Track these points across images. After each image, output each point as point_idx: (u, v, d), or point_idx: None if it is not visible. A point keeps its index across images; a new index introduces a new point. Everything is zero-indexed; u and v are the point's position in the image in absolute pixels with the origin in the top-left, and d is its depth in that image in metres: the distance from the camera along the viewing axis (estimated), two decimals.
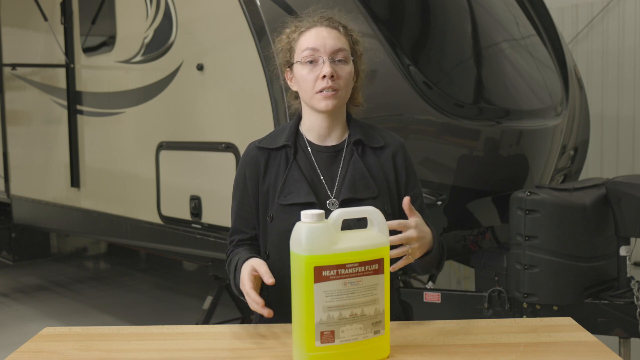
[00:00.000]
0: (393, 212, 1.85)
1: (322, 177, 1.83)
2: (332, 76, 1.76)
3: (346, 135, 1.88)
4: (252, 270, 1.64)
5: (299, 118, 1.91)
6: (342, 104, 1.83)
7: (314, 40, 1.79)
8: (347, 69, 1.79)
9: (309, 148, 1.86)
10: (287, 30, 1.88)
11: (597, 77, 6.59)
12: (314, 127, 1.86)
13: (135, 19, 4.12)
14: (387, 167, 1.86)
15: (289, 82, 1.89)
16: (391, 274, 1.75)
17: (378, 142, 1.87)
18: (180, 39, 3.78)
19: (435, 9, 3.75)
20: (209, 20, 3.64)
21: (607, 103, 6.56)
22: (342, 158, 1.85)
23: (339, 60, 1.78)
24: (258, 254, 1.86)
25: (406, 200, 1.63)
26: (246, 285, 1.62)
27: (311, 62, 1.78)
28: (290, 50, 1.85)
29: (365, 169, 1.82)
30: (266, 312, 1.57)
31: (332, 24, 1.82)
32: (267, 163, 1.85)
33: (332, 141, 1.87)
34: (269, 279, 1.58)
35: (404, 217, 1.89)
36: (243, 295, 1.67)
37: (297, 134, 1.89)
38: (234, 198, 1.92)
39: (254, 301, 1.58)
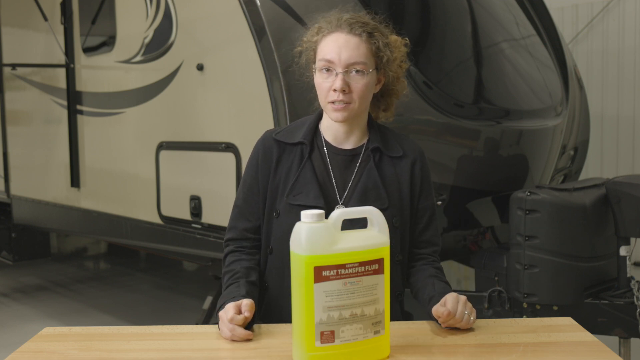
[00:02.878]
0: (402, 224, 1.82)
1: (334, 181, 1.82)
2: (343, 90, 1.72)
3: (365, 140, 1.85)
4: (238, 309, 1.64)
5: (319, 115, 1.88)
6: (355, 115, 1.78)
7: (331, 49, 1.74)
8: (362, 82, 1.73)
9: (325, 149, 1.84)
10: (316, 26, 1.82)
11: (597, 77, 6.59)
12: (332, 129, 1.84)
13: (135, 19, 4.12)
14: (403, 178, 1.83)
15: (315, 85, 1.84)
16: (394, 286, 1.75)
17: (397, 152, 1.84)
18: (180, 39, 3.78)
19: (435, 9, 3.75)
20: (209, 20, 3.64)
21: (607, 103, 6.56)
22: (358, 164, 1.83)
23: (355, 74, 1.73)
24: (256, 268, 1.85)
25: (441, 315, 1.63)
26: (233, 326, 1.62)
27: (327, 70, 1.75)
28: (314, 50, 1.81)
29: (379, 179, 1.80)
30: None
31: (354, 31, 1.75)
32: (280, 157, 1.83)
33: (349, 144, 1.84)
34: (245, 312, 1.62)
35: (413, 228, 1.87)
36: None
37: (315, 131, 1.86)
38: (243, 183, 1.89)
39: (239, 336, 1.60)
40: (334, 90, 1.73)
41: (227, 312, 1.63)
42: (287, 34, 3.15)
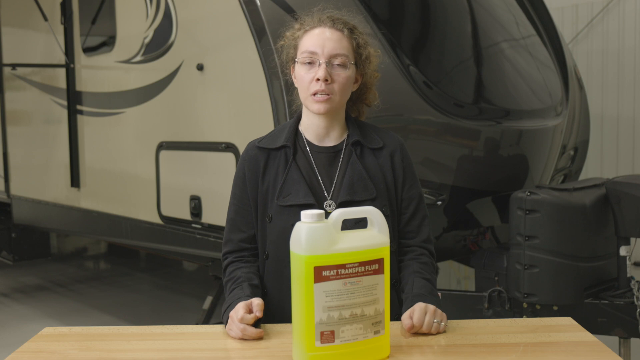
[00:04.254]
0: (392, 212, 1.85)
1: (320, 179, 1.84)
2: (326, 80, 1.76)
3: (345, 136, 1.88)
4: (249, 307, 1.67)
5: (298, 117, 1.92)
6: (336, 108, 1.83)
7: (315, 41, 1.79)
8: (344, 74, 1.79)
9: (307, 148, 1.87)
10: (295, 26, 1.88)
11: (597, 77, 6.59)
12: (312, 127, 1.87)
13: (135, 19, 4.12)
14: (385, 167, 1.86)
15: (294, 79, 1.89)
16: (390, 273, 1.76)
17: (377, 143, 1.87)
18: (180, 39, 3.78)
19: (435, 9, 3.75)
20: (209, 20, 3.64)
21: (607, 103, 6.56)
22: (341, 159, 1.86)
23: (338, 65, 1.78)
24: (257, 273, 1.86)
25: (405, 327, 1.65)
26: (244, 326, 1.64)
27: (310, 62, 1.79)
28: (295, 47, 1.85)
29: (363, 171, 1.82)
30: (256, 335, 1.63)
31: (336, 26, 1.81)
32: (266, 163, 1.86)
33: (330, 142, 1.88)
34: (257, 312, 1.65)
35: (399, 218, 1.89)
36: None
37: (296, 133, 1.89)
38: (233, 196, 1.91)
39: (250, 335, 1.62)
40: (317, 80, 1.76)
41: (238, 311, 1.64)
42: None
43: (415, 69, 3.35)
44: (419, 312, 1.65)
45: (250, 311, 1.65)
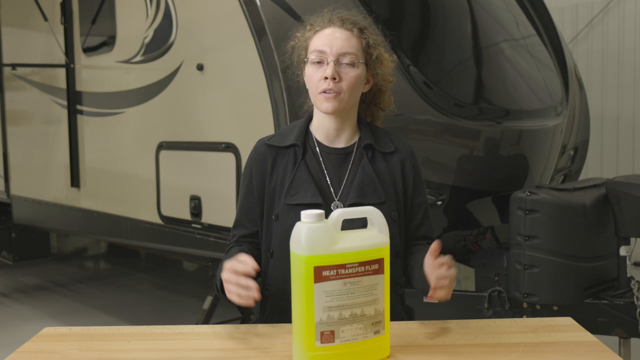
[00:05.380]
0: (399, 218, 1.84)
1: (328, 180, 1.83)
2: (334, 78, 1.76)
3: (356, 138, 1.88)
4: (237, 262, 1.63)
5: (309, 117, 1.91)
6: (345, 107, 1.81)
7: (324, 41, 1.79)
8: (352, 73, 1.78)
9: (317, 148, 1.86)
10: (306, 27, 1.88)
11: (597, 77, 6.59)
12: (323, 128, 1.87)
13: (135, 19, 4.12)
14: (395, 172, 1.86)
15: (305, 80, 1.88)
16: (394, 279, 1.76)
17: (388, 148, 1.87)
18: (180, 39, 3.78)
19: (435, 9, 3.75)
20: (209, 20, 3.64)
21: (607, 103, 6.56)
22: (351, 161, 1.85)
23: (346, 64, 1.78)
24: (253, 254, 1.86)
25: (432, 254, 1.62)
26: (232, 272, 1.60)
27: (319, 62, 1.79)
28: (306, 48, 1.85)
29: (374, 174, 1.82)
30: (257, 296, 1.57)
31: (345, 25, 1.81)
32: (274, 161, 1.85)
33: (341, 143, 1.87)
34: (254, 266, 1.59)
35: (408, 225, 1.88)
36: (221, 292, 1.68)
37: (306, 133, 1.89)
38: (239, 192, 1.92)
39: (244, 286, 1.57)
40: (325, 78, 1.76)
41: (227, 270, 1.61)
42: (287, 34, 3.14)
43: (415, 69, 3.35)
44: (449, 259, 1.62)
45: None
